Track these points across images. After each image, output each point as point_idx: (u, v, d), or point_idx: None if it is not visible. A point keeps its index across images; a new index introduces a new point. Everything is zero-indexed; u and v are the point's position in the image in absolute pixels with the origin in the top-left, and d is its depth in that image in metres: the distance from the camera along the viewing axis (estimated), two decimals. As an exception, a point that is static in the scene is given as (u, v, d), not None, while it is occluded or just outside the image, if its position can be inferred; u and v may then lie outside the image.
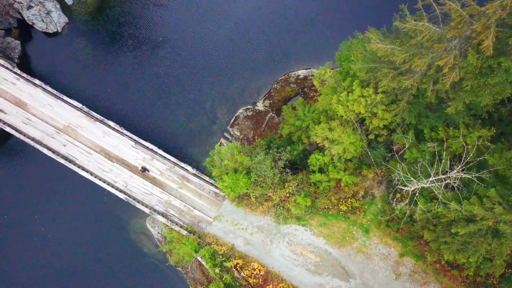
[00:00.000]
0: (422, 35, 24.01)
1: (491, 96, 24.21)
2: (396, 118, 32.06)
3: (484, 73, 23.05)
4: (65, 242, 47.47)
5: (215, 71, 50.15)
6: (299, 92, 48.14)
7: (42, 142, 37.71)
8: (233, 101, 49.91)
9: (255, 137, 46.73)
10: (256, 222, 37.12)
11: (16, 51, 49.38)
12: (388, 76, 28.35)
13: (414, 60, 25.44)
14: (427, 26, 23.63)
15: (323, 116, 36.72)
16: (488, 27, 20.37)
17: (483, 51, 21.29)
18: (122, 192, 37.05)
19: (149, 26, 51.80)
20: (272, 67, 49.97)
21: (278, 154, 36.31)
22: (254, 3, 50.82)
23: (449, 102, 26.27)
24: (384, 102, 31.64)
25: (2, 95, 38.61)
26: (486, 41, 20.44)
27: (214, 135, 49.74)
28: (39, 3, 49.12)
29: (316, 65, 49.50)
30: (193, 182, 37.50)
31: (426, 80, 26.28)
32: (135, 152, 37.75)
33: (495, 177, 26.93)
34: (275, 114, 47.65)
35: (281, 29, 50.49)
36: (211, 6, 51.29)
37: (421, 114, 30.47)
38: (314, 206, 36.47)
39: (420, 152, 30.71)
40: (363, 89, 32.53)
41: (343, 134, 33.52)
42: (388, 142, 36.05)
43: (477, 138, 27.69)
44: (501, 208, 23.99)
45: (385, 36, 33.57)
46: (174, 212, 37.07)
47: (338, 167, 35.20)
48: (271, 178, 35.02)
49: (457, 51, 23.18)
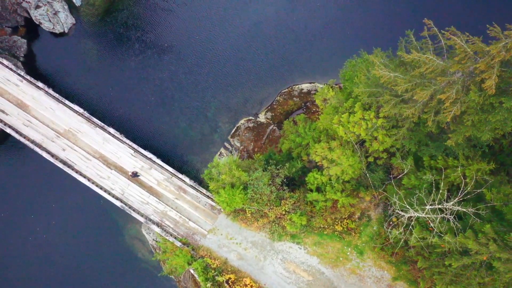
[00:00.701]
0: (425, 67, 23.83)
1: (491, 132, 24.03)
2: (396, 143, 31.89)
3: (485, 109, 22.88)
4: (59, 243, 47.57)
5: (219, 80, 50.09)
6: (302, 106, 47.99)
7: (42, 145, 37.74)
8: (235, 111, 49.84)
9: (255, 149, 46.64)
10: (250, 238, 37.01)
11: (22, 49, 49.53)
12: (390, 103, 28.21)
13: (416, 90, 25.29)
14: (430, 59, 23.47)
15: (323, 135, 36.59)
16: (491, 66, 20.20)
17: (485, 89, 21.11)
18: (118, 200, 37.03)
19: (156, 31, 51.73)
20: (276, 79, 49.85)
21: (277, 171, 36.19)
22: (263, 15, 50.66)
23: (450, 134, 26.09)
24: (385, 127, 31.47)
25: (4, 96, 38.67)
26: (489, 80, 20.26)
27: (214, 144, 49.69)
28: (47, 3, 49.21)
29: (320, 79, 49.45)
30: (190, 193, 37.43)
31: (428, 110, 26.10)
32: (133, 160, 37.73)
33: (492, 212, 26.72)
34: (276, 127, 47.52)
35: (287, 41, 50.34)
36: (219, 14, 51.19)
37: (421, 141, 30.29)
38: (309, 225, 36.34)
39: (418, 180, 30.54)
40: (365, 111, 32.38)
41: (342, 155, 33.37)
42: (387, 165, 35.91)
43: (476, 171, 27.49)
44: (495, 246, 23.80)
45: (389, 58, 33.47)
46: (169, 223, 37.01)
47: (335, 188, 35.08)
48: (268, 195, 34.92)
49: (459, 85, 23.00)
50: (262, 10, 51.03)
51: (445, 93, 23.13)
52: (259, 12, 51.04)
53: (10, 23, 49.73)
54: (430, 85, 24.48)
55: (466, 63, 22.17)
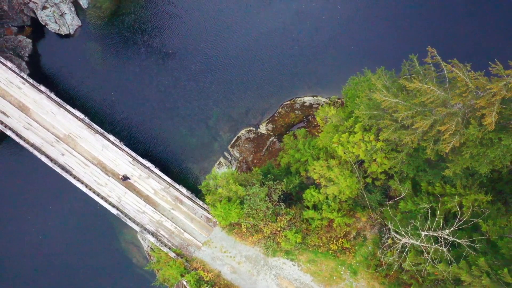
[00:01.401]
0: (426, 97, 23.71)
1: (490, 165, 23.87)
2: (395, 166, 31.74)
3: (484, 143, 22.73)
4: (55, 245, 47.67)
5: (222, 88, 50.02)
6: (303, 120, 47.88)
7: (41, 149, 37.80)
8: (236, 121, 49.77)
9: (254, 161, 46.58)
10: (245, 252, 36.94)
11: (27, 49, 49.66)
12: (389, 128, 28.09)
13: (416, 118, 25.17)
14: (432, 89, 23.33)
15: (322, 152, 36.49)
16: (491, 103, 20.05)
17: (485, 125, 20.96)
18: (114, 208, 37.04)
19: (163, 37, 51.61)
20: (278, 90, 49.73)
21: (274, 187, 36.11)
22: (269, 25, 50.51)
23: (448, 163, 25.94)
24: (384, 150, 31.35)
25: (6, 97, 38.75)
26: (489, 117, 20.12)
27: (214, 153, 49.65)
28: (54, 5, 49.30)
29: (323, 93, 49.31)
30: (186, 204, 37.41)
31: (427, 138, 25.97)
32: (131, 168, 37.73)
33: (487, 243, 26.55)
34: (276, 139, 47.43)
35: (292, 53, 50.19)
36: (227, 23, 51.03)
37: (420, 167, 30.14)
38: (304, 242, 36.24)
39: (415, 205, 30.40)
40: (365, 132, 32.26)
41: (340, 175, 33.27)
42: (385, 186, 35.75)
43: (473, 201, 27.33)
44: (488, 280, 23.64)
45: (392, 79, 33.34)
46: (164, 233, 37.00)
47: (332, 207, 35.00)
48: (264, 211, 34.85)
49: (459, 118, 22.86)
50: (269, 20, 50.93)
51: (445, 125, 23.00)
52: (266, 22, 50.93)
53: (16, 22, 49.86)
54: (430, 114, 24.35)
55: (467, 96, 22.04)
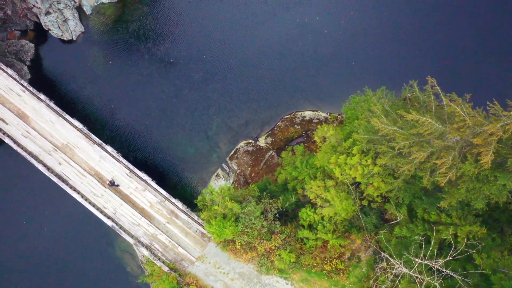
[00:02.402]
0: (424, 128, 23.59)
1: (486, 200, 23.74)
2: (391, 191, 31.61)
3: (480, 179, 22.59)
4: (50, 250, 47.63)
5: (223, 99, 49.84)
6: (302, 134, 47.77)
7: (38, 158, 37.81)
8: (235, 132, 49.66)
9: (252, 175, 46.49)
10: (238, 268, 36.86)
11: (29, 54, 49.72)
12: (387, 155, 27.98)
13: (413, 149, 25.06)
14: (429, 122, 23.21)
15: (319, 172, 36.36)
16: (488, 143, 19.93)
17: (481, 163, 20.83)
18: (110, 219, 37.03)
19: (166, 44, 51.35)
20: (279, 103, 49.60)
21: (270, 205, 36.02)
22: (273, 37, 50.35)
23: (444, 194, 25.83)
24: (381, 174, 31.23)
25: (6, 105, 38.77)
26: (485, 157, 20.00)
27: (212, 164, 49.55)
28: (58, 10, 49.34)
29: (324, 108, 49.19)
30: (182, 219, 37.35)
31: (424, 168, 25.85)
32: (128, 180, 37.69)
33: (480, 276, 26.41)
34: (275, 153, 47.34)
35: (295, 65, 49.99)
36: (231, 33, 50.86)
37: (416, 194, 30.01)
38: (298, 261, 36.12)
39: (410, 232, 30.27)
40: (362, 154, 32.14)
41: (336, 197, 33.16)
42: (381, 209, 35.62)
43: (467, 232, 27.18)
44: (480, 315, 23.53)
45: (392, 102, 33.25)
46: (159, 247, 36.95)
47: (327, 228, 34.88)
48: (259, 229, 34.76)
49: (456, 152, 22.74)
50: (272, 32, 50.80)
51: (442, 158, 22.88)
52: (269, 34, 50.82)
53: (19, 26, 49.93)
54: (427, 146, 24.24)
55: (465, 132, 21.91)
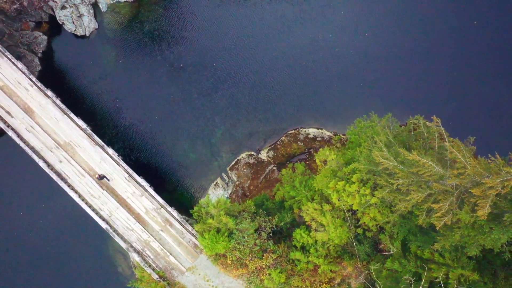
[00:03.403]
0: (423, 170, 23.40)
1: (480, 247, 23.51)
2: (387, 223, 31.43)
3: (476, 228, 22.36)
4: (43, 242, 47.90)
5: (230, 107, 49.74)
6: (305, 152, 47.60)
7: (40, 154, 38.00)
8: (238, 143, 49.57)
9: (250, 188, 46.42)
10: (227, 283, 36.82)
11: (41, 46, 50.01)
12: (385, 189, 27.82)
13: (412, 188, 24.88)
14: (430, 165, 23.00)
15: (317, 195, 36.23)
16: (487, 195, 19.70)
17: (477, 214, 20.62)
18: (104, 221, 37.13)
19: (180, 48, 51.19)
20: (285, 117, 49.46)
21: (264, 223, 35.94)
22: (286, 51, 50.14)
23: (438, 236, 25.61)
24: (378, 206, 31.06)
25: (13, 98, 39.00)
26: (482, 210, 19.78)
27: (212, 172, 49.52)
28: (73, 5, 49.55)
29: (329, 126, 48.98)
30: (176, 228, 37.39)
31: (420, 207, 25.65)
32: (126, 184, 37.78)
33: (468, 321, 26.17)
34: (276, 167, 47.21)
35: (304, 81, 49.74)
36: (246, 41, 50.68)
37: (411, 230, 29.78)
38: (287, 282, 36.00)
39: (402, 267, 30.06)
40: (361, 184, 31.97)
41: (332, 223, 33.02)
42: (375, 238, 35.41)
43: (459, 275, 26.94)
44: None
45: (396, 132, 33.07)
46: (150, 254, 37.01)
47: (319, 252, 34.74)
48: (251, 247, 34.69)
49: (454, 198, 22.53)
50: (285, 45, 50.60)
51: (439, 203, 22.68)
52: (282, 46, 50.62)
53: (34, 18, 50.24)
54: (425, 187, 24.04)
55: (465, 179, 21.69)
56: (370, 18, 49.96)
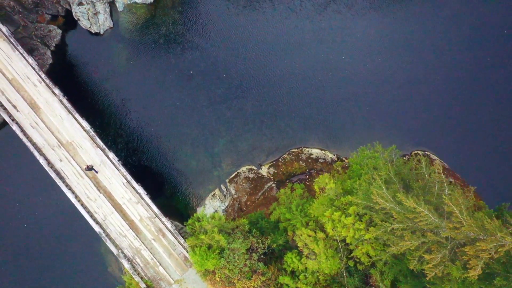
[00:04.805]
0: (419, 218, 23.12)
1: (469, 302, 23.16)
2: (379, 261, 31.15)
3: (466, 285, 22.03)
4: (37, 235, 48.15)
5: (237, 118, 49.63)
6: (305, 172, 47.36)
7: (41, 151, 38.11)
8: (240, 155, 49.47)
9: (247, 203, 46.28)
10: (214, 300, 36.71)
11: (55, 40, 50.20)
12: (380, 228, 27.54)
13: (406, 232, 24.60)
14: (426, 214, 22.71)
15: (313, 221, 36.00)
16: (479, 257, 19.39)
17: (468, 274, 20.31)
18: (98, 225, 37.16)
19: (193, 54, 51.15)
20: (290, 134, 49.30)
21: (257, 244, 35.78)
22: (298, 67, 50.01)
23: (428, 284, 25.28)
24: (371, 242, 30.79)
25: (20, 92, 39.15)
26: (473, 270, 19.47)
27: (211, 182, 49.47)
28: (90, 3, 49.67)
29: (332, 148, 48.77)
30: (168, 238, 37.34)
31: (413, 253, 25.36)
32: (123, 190, 37.79)
33: None
34: (275, 185, 47.02)
35: (313, 100, 49.60)
36: (263, 55, 50.62)
37: (402, 271, 29.48)
38: (274, 306, 35.87)
39: (389, 307, 29.80)
40: (357, 218, 31.74)
41: (323, 253, 32.79)
42: (366, 271, 35.10)
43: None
44: None
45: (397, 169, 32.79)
46: (140, 262, 36.99)
47: (308, 279, 34.52)
48: (240, 268, 34.55)
49: (447, 251, 22.23)
50: (299, 63, 50.40)
51: (432, 254, 22.38)
52: (295, 64, 50.46)
53: (51, 11, 50.44)
54: (419, 235, 23.75)
55: (460, 234, 21.39)
56: (385, 44, 49.63)
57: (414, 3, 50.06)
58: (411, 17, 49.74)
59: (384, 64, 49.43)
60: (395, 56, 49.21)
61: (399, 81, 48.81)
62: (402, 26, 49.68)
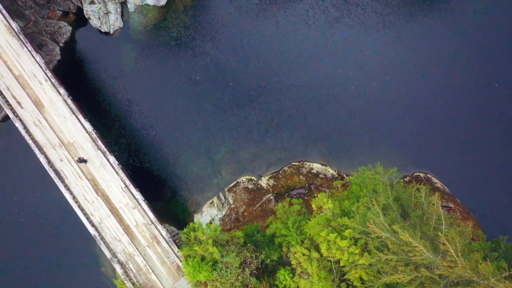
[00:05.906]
0: (414, 253, 22.90)
1: None
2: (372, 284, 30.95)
3: (456, 324, 21.82)
4: (34, 230, 48.29)
5: (241, 126, 49.50)
6: (305, 186, 47.16)
7: (43, 149, 38.17)
8: (241, 164, 49.34)
9: (244, 213, 46.15)
10: (204, 311, 36.61)
11: (65, 36, 50.28)
12: (374, 256, 27.34)
13: (399, 264, 24.40)
14: (421, 249, 22.51)
15: (308, 239, 35.83)
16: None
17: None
18: (93, 227, 37.16)
19: (200, 60, 50.98)
20: (292, 147, 49.12)
21: (250, 259, 35.65)
22: (306, 79, 49.80)
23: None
24: (365, 267, 30.58)
25: (26, 89, 39.22)
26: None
27: (210, 190, 49.38)
28: (102, 2, 49.73)
29: (334, 165, 48.55)
30: (162, 246, 37.28)
31: (405, 286, 25.16)
32: (121, 194, 37.78)
33: None
34: (273, 197, 46.86)
35: (317, 114, 49.37)
36: (272, 66, 50.38)
37: (394, 299, 29.27)
38: (263, 322, 35.73)
39: (378, 334, 29.56)
40: (352, 241, 31.55)
41: (316, 274, 32.60)
42: (358, 294, 34.92)
43: None
44: None
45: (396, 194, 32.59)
46: (133, 267, 36.96)
47: (299, 298, 34.39)
48: (232, 282, 34.44)
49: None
50: (308, 75, 50.15)
51: (423, 290, 22.20)
52: (304, 77, 50.19)
53: (62, 7, 50.50)
54: (413, 270, 23.54)
55: (453, 273, 21.17)
56: (395, 63, 49.35)
57: (427, 25, 49.77)
58: (422, 38, 49.44)
59: (391, 84, 49.15)
60: (403, 76, 48.94)
61: (405, 101, 48.53)
62: (412, 46, 49.39)
